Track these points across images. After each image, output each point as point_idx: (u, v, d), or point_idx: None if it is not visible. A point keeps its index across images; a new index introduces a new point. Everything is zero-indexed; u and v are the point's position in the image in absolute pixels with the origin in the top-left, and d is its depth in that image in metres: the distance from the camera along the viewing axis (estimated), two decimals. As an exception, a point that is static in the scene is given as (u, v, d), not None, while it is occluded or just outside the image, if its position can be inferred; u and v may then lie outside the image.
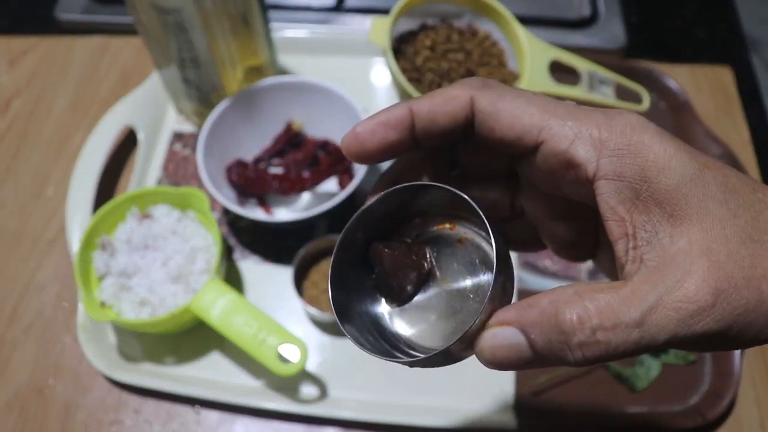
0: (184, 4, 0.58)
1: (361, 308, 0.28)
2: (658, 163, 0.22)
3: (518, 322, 0.23)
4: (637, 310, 0.21)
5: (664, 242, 0.22)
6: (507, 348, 0.23)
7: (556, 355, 0.22)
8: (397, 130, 0.26)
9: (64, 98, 0.80)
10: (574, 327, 0.21)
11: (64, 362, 0.61)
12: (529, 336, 0.22)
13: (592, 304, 0.21)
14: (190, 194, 0.62)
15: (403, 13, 0.69)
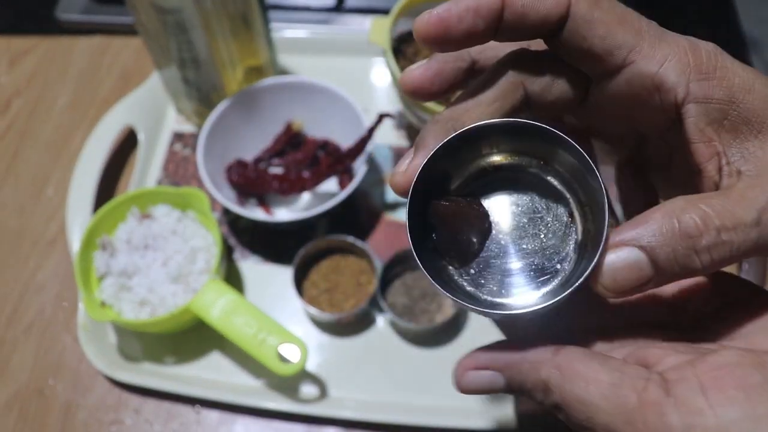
0: (184, 4, 0.58)
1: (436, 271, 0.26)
2: (744, 85, 0.23)
3: (635, 240, 0.22)
4: (753, 210, 0.22)
5: (758, 154, 0.23)
6: (628, 269, 0.22)
7: (681, 264, 0.22)
8: (486, 19, 0.24)
9: (64, 98, 0.80)
10: (700, 230, 0.21)
11: (65, 362, 0.61)
12: (652, 251, 0.22)
13: (710, 207, 0.22)
14: (191, 194, 0.62)
15: (403, 14, 0.69)
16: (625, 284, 0.22)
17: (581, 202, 0.26)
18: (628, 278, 0.22)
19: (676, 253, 0.22)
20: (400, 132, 0.75)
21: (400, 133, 0.75)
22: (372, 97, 0.78)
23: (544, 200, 0.27)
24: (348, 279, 0.62)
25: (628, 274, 0.22)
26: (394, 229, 0.68)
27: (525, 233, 0.26)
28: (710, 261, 0.22)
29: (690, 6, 0.88)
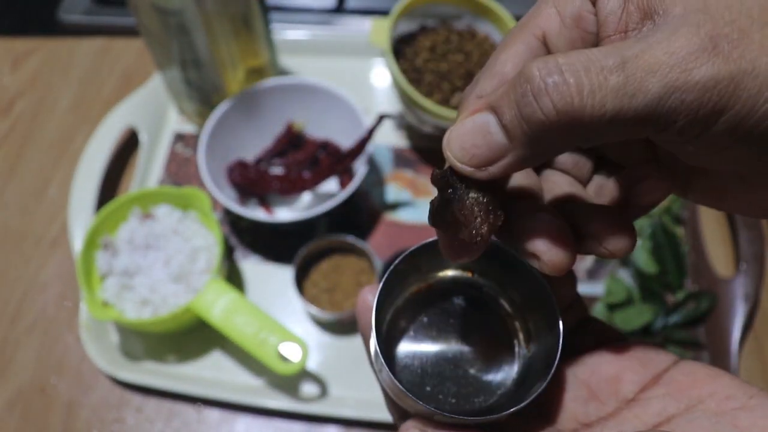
0: (185, 5, 0.58)
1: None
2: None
3: (487, 104, 0.19)
4: (617, 55, 0.17)
5: (657, 18, 0.18)
6: (475, 131, 0.19)
7: (524, 116, 0.18)
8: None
9: (66, 99, 0.80)
10: (539, 70, 0.18)
11: (67, 361, 0.62)
12: (499, 110, 0.19)
13: (564, 57, 0.18)
14: (192, 194, 0.62)
15: (403, 15, 0.69)
16: (475, 152, 0.19)
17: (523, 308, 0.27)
18: (478, 144, 0.19)
19: (518, 103, 0.18)
20: (400, 132, 0.76)
21: (400, 134, 0.75)
22: (372, 97, 0.79)
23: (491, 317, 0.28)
24: (348, 278, 0.62)
25: (475, 138, 0.19)
26: (394, 229, 0.68)
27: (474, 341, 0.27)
28: (552, 108, 0.17)
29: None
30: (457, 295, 0.28)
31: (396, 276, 0.26)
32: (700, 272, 0.63)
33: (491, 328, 0.27)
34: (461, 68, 0.69)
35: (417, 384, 0.26)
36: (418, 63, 0.70)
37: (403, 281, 0.27)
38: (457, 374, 0.26)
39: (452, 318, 0.28)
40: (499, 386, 0.26)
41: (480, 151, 0.19)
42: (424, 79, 0.69)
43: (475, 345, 0.27)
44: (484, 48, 0.72)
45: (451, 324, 0.27)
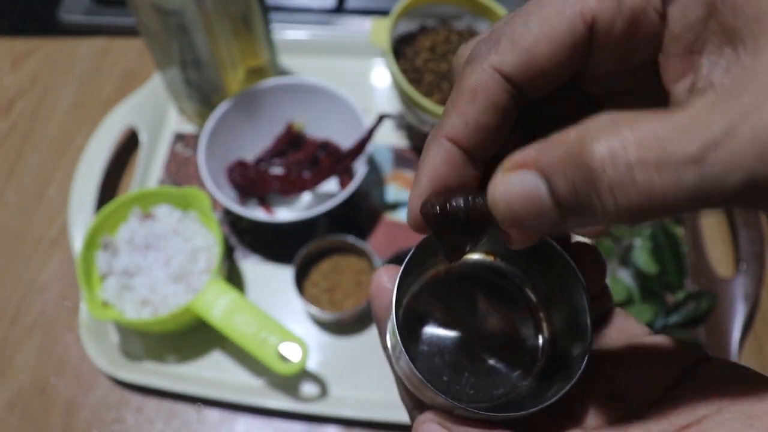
0: (185, 5, 0.58)
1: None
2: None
3: (537, 163, 0.17)
4: (696, 142, 0.15)
5: (744, 62, 0.16)
6: (525, 197, 0.18)
7: (581, 204, 0.16)
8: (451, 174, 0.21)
9: (66, 99, 0.80)
10: (603, 162, 0.15)
11: (67, 361, 0.62)
12: (551, 179, 0.17)
13: (633, 133, 0.15)
14: (192, 194, 0.62)
15: (403, 15, 0.69)
16: (523, 215, 0.18)
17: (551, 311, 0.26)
18: (526, 209, 0.18)
19: (576, 189, 0.16)
20: (400, 132, 0.76)
21: (400, 134, 0.75)
22: (372, 97, 0.79)
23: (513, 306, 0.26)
24: (348, 278, 0.62)
25: (525, 203, 0.18)
26: (394, 229, 0.68)
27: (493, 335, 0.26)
28: (614, 207, 0.16)
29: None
30: (477, 280, 0.27)
31: (414, 259, 0.24)
32: (700, 272, 0.63)
33: (513, 317, 0.26)
34: (461, 68, 0.69)
35: (434, 373, 0.25)
36: (418, 63, 0.70)
37: (420, 265, 0.26)
38: (475, 364, 0.25)
39: (471, 305, 0.26)
40: (520, 379, 0.25)
41: (527, 214, 0.18)
42: (424, 79, 0.69)
43: (495, 334, 0.26)
44: (484, 48, 0.72)
45: (470, 311, 0.26)
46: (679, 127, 0.15)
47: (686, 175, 0.15)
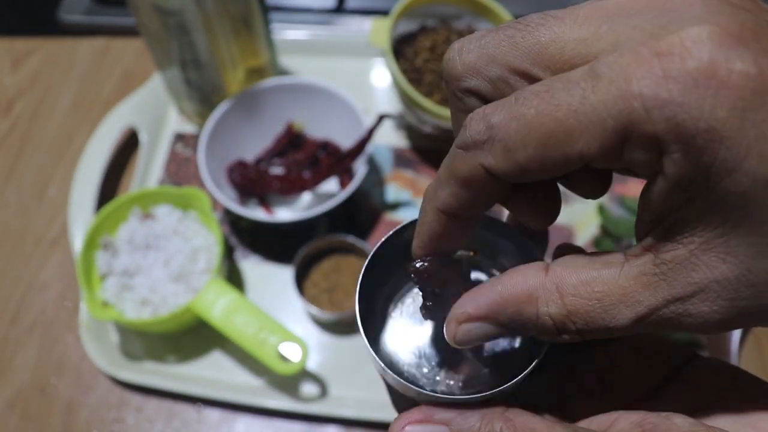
0: (185, 5, 0.58)
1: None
2: (727, 163, 0.16)
3: (492, 320, 0.22)
4: (626, 318, 0.19)
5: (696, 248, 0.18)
6: (478, 336, 0.22)
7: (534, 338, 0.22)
8: (449, 235, 0.23)
9: (66, 99, 0.80)
10: (557, 329, 0.20)
11: (67, 361, 0.62)
12: (510, 329, 0.22)
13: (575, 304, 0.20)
14: (192, 194, 0.62)
15: (403, 15, 0.69)
16: (473, 342, 0.23)
17: None
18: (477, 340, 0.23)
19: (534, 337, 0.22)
20: (400, 132, 0.76)
21: (400, 134, 0.75)
22: (372, 97, 0.79)
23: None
24: (348, 278, 0.62)
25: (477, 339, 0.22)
26: (394, 229, 0.68)
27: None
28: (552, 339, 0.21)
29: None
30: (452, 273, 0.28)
31: (382, 257, 0.25)
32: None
33: None
34: (461, 68, 0.69)
35: (414, 365, 0.26)
36: (418, 63, 0.70)
37: (393, 260, 0.27)
38: (455, 355, 0.26)
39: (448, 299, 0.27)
40: (500, 368, 0.26)
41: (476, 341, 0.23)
42: (424, 79, 0.69)
43: None
44: (484, 48, 0.72)
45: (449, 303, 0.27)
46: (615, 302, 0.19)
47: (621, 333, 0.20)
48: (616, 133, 0.17)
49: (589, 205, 0.69)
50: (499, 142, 0.19)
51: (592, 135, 0.18)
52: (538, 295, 0.20)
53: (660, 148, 0.17)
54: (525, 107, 0.19)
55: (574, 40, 0.19)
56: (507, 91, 0.20)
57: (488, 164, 0.20)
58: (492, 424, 0.21)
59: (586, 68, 0.18)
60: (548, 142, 0.18)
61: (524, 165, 0.19)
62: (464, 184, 0.21)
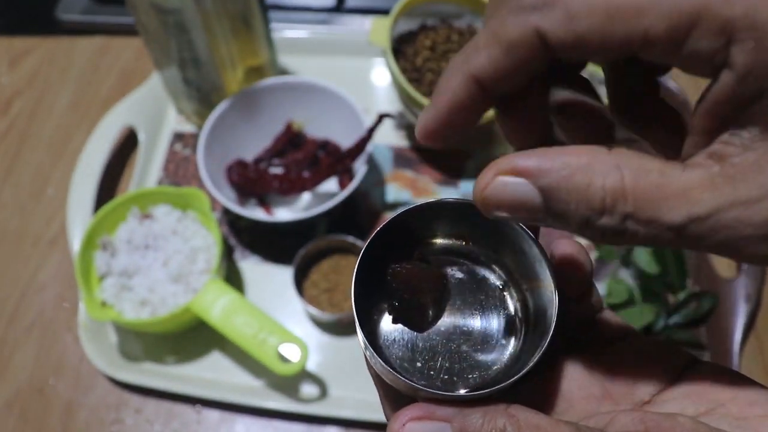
0: (184, 4, 0.58)
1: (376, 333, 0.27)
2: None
3: (537, 179, 0.19)
4: (682, 215, 0.18)
5: (764, 151, 0.17)
6: (516, 201, 0.20)
7: (572, 223, 0.19)
8: (468, 109, 0.21)
9: (64, 98, 0.80)
10: (604, 207, 0.18)
11: (65, 362, 0.61)
12: (549, 198, 0.19)
13: (633, 185, 0.18)
14: (191, 194, 0.62)
15: (403, 14, 0.69)
16: (506, 211, 0.20)
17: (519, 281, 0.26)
18: (514, 208, 0.20)
19: (571, 214, 0.19)
20: (400, 132, 0.75)
21: (400, 133, 0.75)
22: (372, 97, 0.78)
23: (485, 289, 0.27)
24: (348, 279, 0.62)
25: (515, 206, 0.20)
26: (394, 229, 0.68)
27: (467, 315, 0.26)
28: (601, 238, 0.19)
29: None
30: (449, 264, 0.27)
31: (377, 249, 0.25)
32: (701, 272, 0.63)
33: (486, 301, 0.27)
34: (461, 67, 0.69)
35: (407, 360, 0.26)
36: (419, 62, 0.69)
37: (387, 252, 0.26)
38: (449, 349, 0.26)
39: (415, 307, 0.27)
40: (494, 363, 0.25)
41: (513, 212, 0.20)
42: (424, 79, 0.69)
43: (469, 318, 0.26)
44: (485, 47, 0.72)
45: (413, 312, 0.27)
46: (672, 194, 0.18)
47: (666, 235, 0.18)
48: (688, 15, 0.17)
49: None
50: (563, 5, 0.18)
51: (663, 14, 0.17)
52: (596, 166, 0.18)
53: (730, 37, 0.17)
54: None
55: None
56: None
57: (545, 28, 0.19)
58: (495, 421, 0.20)
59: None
60: (615, 13, 0.18)
61: (583, 36, 0.18)
62: (509, 49, 0.20)
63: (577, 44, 0.19)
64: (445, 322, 0.26)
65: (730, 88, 0.18)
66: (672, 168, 0.18)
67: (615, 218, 0.18)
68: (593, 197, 0.18)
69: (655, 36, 0.18)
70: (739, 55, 0.17)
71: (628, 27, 0.18)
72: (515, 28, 0.19)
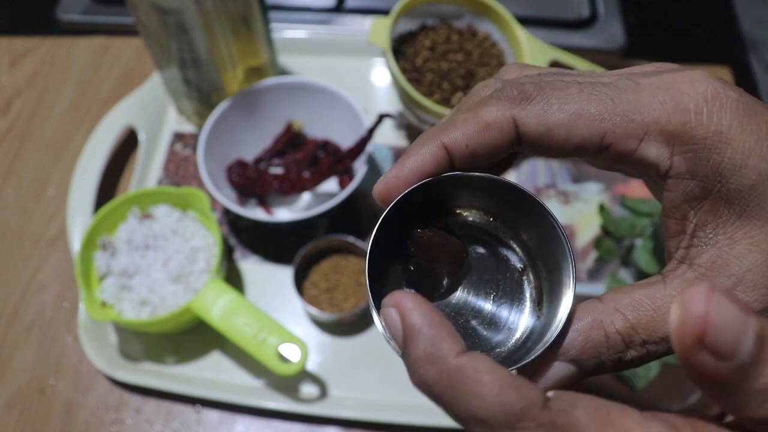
0: (184, 4, 0.58)
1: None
2: (735, 160, 0.20)
3: (564, 354, 0.22)
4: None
5: (723, 245, 0.21)
6: (559, 382, 0.22)
7: (607, 369, 0.22)
8: (432, 173, 0.24)
9: (65, 98, 0.80)
10: (626, 344, 0.21)
11: (65, 362, 0.61)
12: (581, 364, 0.22)
13: (637, 318, 0.21)
14: (191, 194, 0.62)
15: (403, 14, 0.69)
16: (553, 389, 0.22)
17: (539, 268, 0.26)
18: (558, 386, 0.22)
19: (605, 363, 0.22)
20: (400, 132, 0.75)
21: (400, 133, 0.75)
22: (372, 97, 0.78)
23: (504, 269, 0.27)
24: (348, 279, 0.62)
25: (558, 385, 0.22)
26: (394, 229, 0.68)
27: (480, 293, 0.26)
28: (633, 366, 0.22)
29: (689, 6, 0.88)
30: (472, 239, 0.27)
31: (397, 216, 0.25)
32: (701, 272, 0.63)
33: (503, 282, 0.26)
34: (462, 67, 0.69)
35: None
36: (418, 62, 0.69)
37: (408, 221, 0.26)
38: (457, 323, 0.26)
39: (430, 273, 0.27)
40: (499, 344, 0.25)
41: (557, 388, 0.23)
42: (424, 79, 0.69)
43: (482, 296, 0.26)
44: (485, 47, 0.72)
45: (427, 277, 0.26)
46: (667, 311, 0.21)
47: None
48: (640, 125, 0.21)
49: (590, 205, 0.69)
50: (542, 101, 0.22)
51: (621, 122, 0.21)
52: (602, 319, 0.22)
53: (673, 148, 0.21)
54: (574, 86, 0.22)
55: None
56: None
57: (521, 117, 0.22)
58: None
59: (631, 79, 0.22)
60: (583, 114, 0.21)
61: (551, 129, 0.22)
62: (484, 128, 0.23)
63: (544, 135, 0.22)
64: (458, 296, 0.26)
65: (680, 192, 0.21)
66: (655, 289, 0.22)
67: (637, 348, 0.21)
68: (614, 343, 0.21)
69: (612, 138, 0.21)
70: (681, 163, 0.21)
71: (591, 127, 0.21)
72: (495, 112, 0.22)
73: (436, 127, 0.24)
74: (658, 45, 0.84)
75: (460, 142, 0.23)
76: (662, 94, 0.21)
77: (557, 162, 0.72)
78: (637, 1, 0.87)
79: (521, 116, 0.22)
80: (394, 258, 0.26)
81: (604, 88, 0.22)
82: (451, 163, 0.24)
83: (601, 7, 0.84)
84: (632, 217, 0.66)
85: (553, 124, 0.22)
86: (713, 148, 0.20)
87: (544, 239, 0.25)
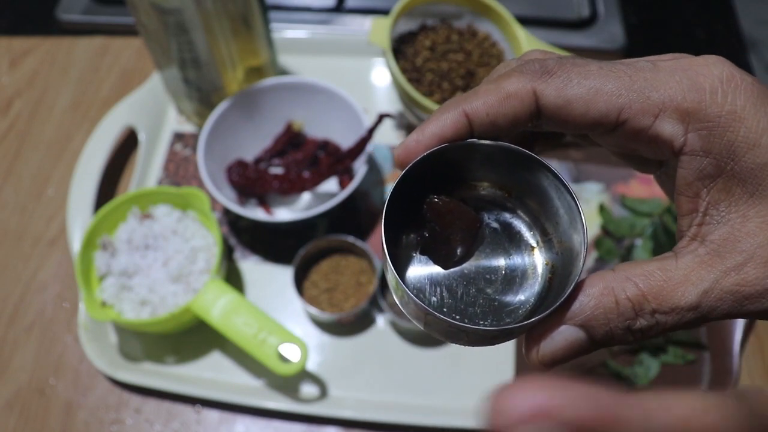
0: (184, 4, 0.58)
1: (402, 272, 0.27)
2: (749, 139, 0.21)
3: (574, 318, 0.22)
4: (693, 295, 0.21)
5: (735, 222, 0.21)
6: (567, 347, 0.22)
7: (616, 339, 0.22)
8: (452, 139, 0.24)
9: (65, 98, 0.80)
10: (635, 312, 0.21)
11: (65, 362, 0.61)
12: (591, 330, 0.22)
13: (648, 286, 0.21)
14: (191, 194, 0.62)
15: (402, 14, 0.69)
16: (562, 359, 0.23)
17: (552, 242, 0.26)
18: (566, 354, 0.22)
19: (614, 331, 0.22)
20: (400, 132, 0.75)
21: (400, 133, 0.75)
22: (372, 97, 0.78)
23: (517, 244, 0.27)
24: (348, 279, 0.62)
25: (567, 351, 0.22)
26: (394, 229, 0.68)
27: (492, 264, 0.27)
28: (642, 337, 0.22)
29: (689, 6, 0.88)
30: (488, 211, 0.27)
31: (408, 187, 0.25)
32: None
33: (516, 257, 0.27)
34: (461, 67, 0.69)
35: (422, 293, 0.26)
36: (419, 62, 0.69)
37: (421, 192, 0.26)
38: (468, 293, 0.26)
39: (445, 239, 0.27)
40: (508, 316, 0.25)
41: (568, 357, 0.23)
42: (424, 79, 0.69)
43: (494, 269, 0.26)
44: (485, 47, 0.72)
45: (441, 244, 0.27)
46: (679, 282, 0.21)
47: (687, 315, 0.21)
48: (656, 102, 0.22)
49: (590, 205, 0.69)
50: (562, 76, 0.23)
51: (637, 98, 0.22)
52: (613, 286, 0.22)
53: (688, 125, 0.21)
54: (593, 65, 0.23)
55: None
56: None
57: (541, 89, 0.23)
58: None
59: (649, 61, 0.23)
60: (601, 89, 0.22)
61: (570, 102, 0.22)
62: (505, 98, 0.23)
63: (563, 108, 0.23)
64: (470, 266, 0.27)
65: (693, 170, 0.22)
66: (667, 263, 0.22)
67: (647, 317, 0.21)
68: (624, 309, 0.22)
69: (628, 113, 0.22)
70: (695, 140, 0.21)
71: (608, 102, 0.22)
72: (516, 84, 0.23)
73: (458, 96, 0.25)
74: (658, 45, 0.84)
75: (480, 110, 0.23)
76: (679, 74, 0.22)
77: (557, 162, 0.72)
78: (637, 1, 0.87)
79: (542, 89, 0.23)
80: (409, 229, 0.27)
81: (623, 66, 0.23)
82: (471, 131, 0.24)
83: (601, 7, 0.84)
84: (632, 217, 0.66)
85: (572, 97, 0.22)
86: (727, 126, 0.21)
87: (557, 212, 0.26)
